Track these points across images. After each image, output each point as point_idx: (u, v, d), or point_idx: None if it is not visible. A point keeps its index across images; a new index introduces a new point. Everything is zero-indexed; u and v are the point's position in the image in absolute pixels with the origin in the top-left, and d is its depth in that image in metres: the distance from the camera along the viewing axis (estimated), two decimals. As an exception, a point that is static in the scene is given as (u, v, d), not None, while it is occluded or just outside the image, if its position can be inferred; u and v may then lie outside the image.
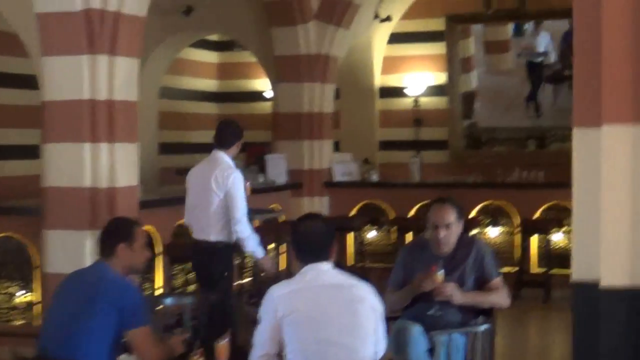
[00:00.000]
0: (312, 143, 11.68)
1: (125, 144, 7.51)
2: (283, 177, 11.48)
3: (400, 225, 11.40)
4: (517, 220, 11.17)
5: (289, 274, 7.39)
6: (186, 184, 7.24)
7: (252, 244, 6.94)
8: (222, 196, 6.84)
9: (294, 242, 4.27)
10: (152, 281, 8.80)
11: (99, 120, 7.29)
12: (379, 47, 13.70)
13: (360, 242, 11.69)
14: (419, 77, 13.67)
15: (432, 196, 11.53)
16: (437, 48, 13.61)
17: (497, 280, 5.37)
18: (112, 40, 7.28)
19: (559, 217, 10.97)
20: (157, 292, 8.81)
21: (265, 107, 14.40)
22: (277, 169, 11.47)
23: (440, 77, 13.65)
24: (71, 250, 7.32)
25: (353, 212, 11.83)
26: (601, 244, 3.83)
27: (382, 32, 13.55)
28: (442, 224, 5.31)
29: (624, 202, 3.82)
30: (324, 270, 4.17)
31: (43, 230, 7.55)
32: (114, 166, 7.37)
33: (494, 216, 11.35)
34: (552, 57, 13.54)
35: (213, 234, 6.94)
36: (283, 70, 11.56)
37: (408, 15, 13.62)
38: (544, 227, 10.88)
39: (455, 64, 13.59)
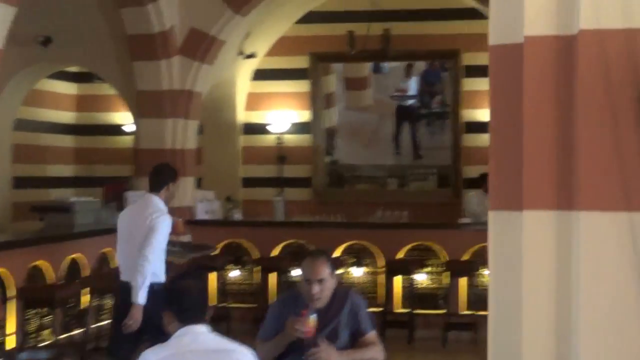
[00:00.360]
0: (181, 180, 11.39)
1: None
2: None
3: (263, 265, 11.24)
4: (381, 260, 11.17)
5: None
6: (117, 225, 7.27)
7: (142, 284, 6.73)
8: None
9: (172, 302, 4.01)
10: (3, 327, 8.30)
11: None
12: (243, 83, 13.57)
13: (222, 282, 11.44)
14: (282, 114, 13.60)
15: (296, 235, 11.72)
16: (301, 85, 13.60)
17: (371, 334, 5.26)
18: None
19: (422, 257, 11.05)
20: (10, 338, 8.35)
21: (126, 142, 14.02)
22: (138, 206, 11.12)
23: (304, 115, 13.63)
24: None
25: (216, 251, 11.59)
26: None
27: (247, 68, 13.43)
28: (315, 278, 5.16)
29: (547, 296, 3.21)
30: (201, 332, 3.93)
31: None
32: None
33: (358, 256, 11.33)
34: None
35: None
36: (145, 105, 11.26)
37: (272, 52, 13.57)
38: (407, 267, 10.93)
39: (319, 102, 13.61)
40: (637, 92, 3.01)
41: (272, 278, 11.28)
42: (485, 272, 10.77)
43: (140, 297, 6.77)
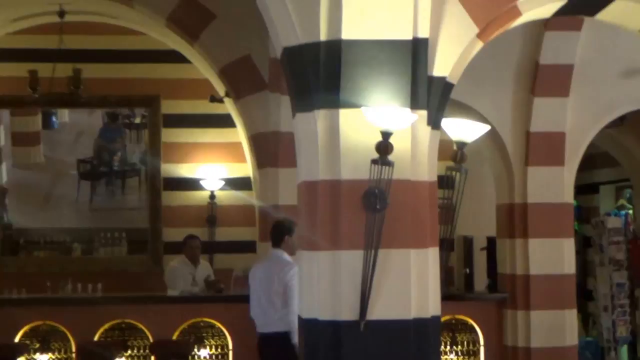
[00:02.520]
0: None
1: None
2: None
3: None
4: (72, 344, 9.25)
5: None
6: (250, 282, 7.94)
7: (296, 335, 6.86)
8: (282, 290, 7.52)
9: None
10: None
11: None
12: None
13: None
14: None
15: None
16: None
17: None
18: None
19: (124, 338, 9.30)
20: None
21: None
22: None
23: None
24: None
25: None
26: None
27: None
28: None
29: None
30: None
31: None
32: None
33: (42, 339, 9.31)
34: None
35: (275, 326, 7.56)
36: None
37: None
38: (104, 351, 9.08)
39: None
40: None
41: None
42: (201, 353, 9.24)
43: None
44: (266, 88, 9.62)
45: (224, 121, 11.19)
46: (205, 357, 9.41)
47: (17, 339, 9.19)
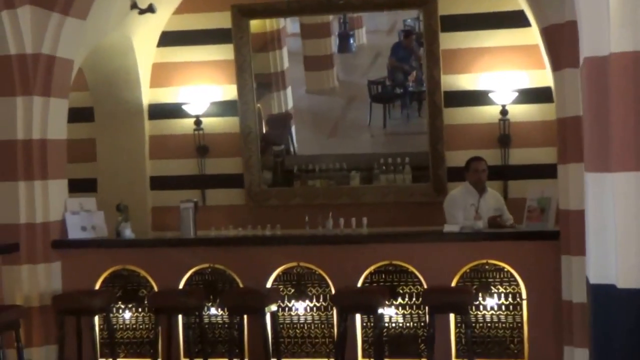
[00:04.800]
0: (31, 184, 7.93)
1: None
2: (-12, 237, 7.79)
3: (157, 303, 7.75)
4: (332, 290, 7.77)
5: None
6: None
7: None
8: None
9: None
10: None
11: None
12: (145, 50, 10.09)
13: (110, 329, 7.96)
14: (201, 90, 10.15)
15: (212, 258, 8.32)
16: (224, 51, 10.15)
17: None
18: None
19: (393, 283, 7.67)
20: None
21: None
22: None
23: (229, 91, 10.20)
24: None
25: (97, 285, 8.16)
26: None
27: (148, 30, 9.95)
28: None
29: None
30: None
31: None
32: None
33: (299, 285, 7.91)
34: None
35: None
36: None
37: (183, 8, 10.13)
38: (370, 299, 7.46)
39: (246, 72, 10.13)
40: None
41: (177, 323, 7.88)
42: (487, 302, 7.42)
43: None
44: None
45: (516, 20, 9.18)
46: (492, 307, 7.57)
47: (268, 284, 7.85)
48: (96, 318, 7.98)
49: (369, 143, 10.62)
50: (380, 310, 7.34)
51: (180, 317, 7.79)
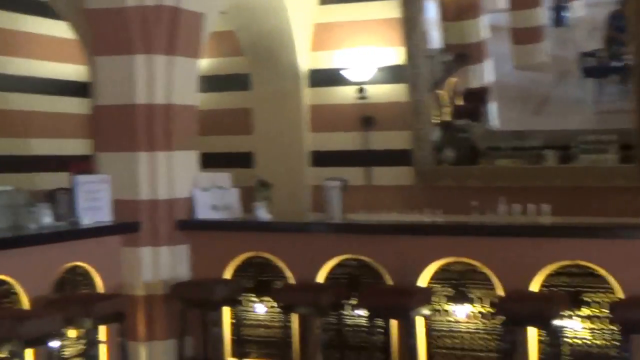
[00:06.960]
0: (154, 156, 6.96)
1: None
2: (104, 214, 6.83)
3: (288, 298, 6.58)
4: (501, 291, 6.32)
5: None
6: None
7: None
8: None
9: None
10: None
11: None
12: (302, 7, 8.94)
13: (239, 324, 6.90)
14: (366, 53, 8.90)
15: (357, 248, 6.92)
16: (390, 9, 8.88)
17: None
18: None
19: (576, 288, 6.12)
20: None
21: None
22: (94, 200, 6.85)
23: (396, 54, 8.92)
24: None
25: (228, 274, 7.10)
26: None
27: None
28: None
29: None
30: None
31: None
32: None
33: (459, 285, 6.50)
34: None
35: None
36: (100, 35, 6.87)
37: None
38: (547, 308, 5.96)
39: (417, 33, 8.78)
40: None
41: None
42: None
43: None
44: None
45: None
46: None
47: (422, 282, 6.50)
48: (225, 311, 6.93)
49: (575, 121, 9.31)
50: (556, 322, 5.82)
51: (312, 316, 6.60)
